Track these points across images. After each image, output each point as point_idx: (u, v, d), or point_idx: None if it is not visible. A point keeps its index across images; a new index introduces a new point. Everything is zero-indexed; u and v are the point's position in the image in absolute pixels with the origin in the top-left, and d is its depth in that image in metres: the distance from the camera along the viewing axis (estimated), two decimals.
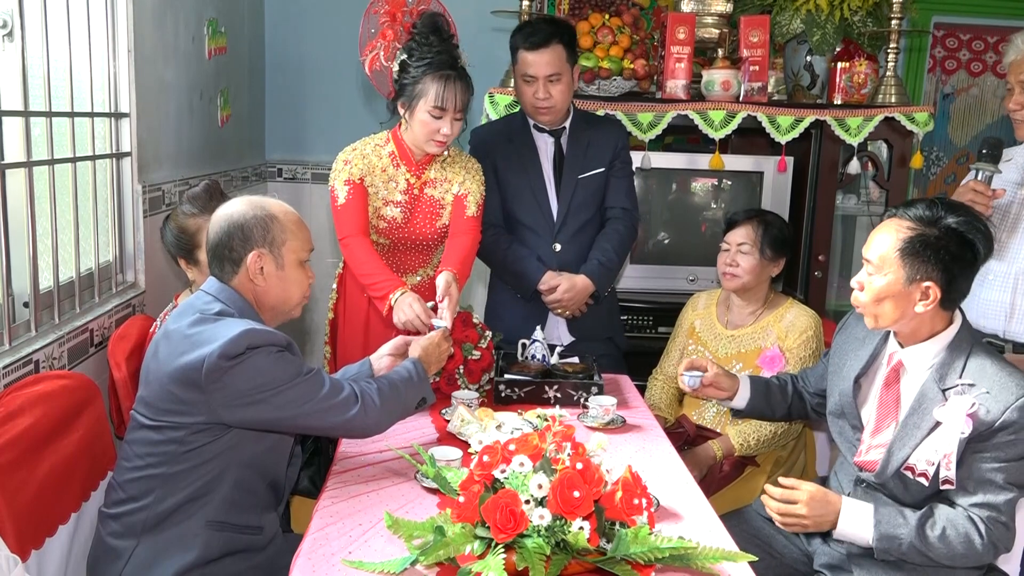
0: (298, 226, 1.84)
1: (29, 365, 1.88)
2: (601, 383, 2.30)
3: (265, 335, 1.68)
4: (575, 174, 2.69)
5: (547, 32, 2.54)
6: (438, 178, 2.56)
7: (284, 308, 1.85)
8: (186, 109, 2.89)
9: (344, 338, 2.70)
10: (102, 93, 2.38)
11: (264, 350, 1.66)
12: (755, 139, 3.30)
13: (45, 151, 2.06)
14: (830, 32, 3.13)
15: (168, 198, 2.69)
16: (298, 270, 1.83)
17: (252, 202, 1.81)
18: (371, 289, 2.39)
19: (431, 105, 2.34)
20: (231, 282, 1.78)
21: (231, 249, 1.77)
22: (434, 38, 2.40)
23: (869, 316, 1.84)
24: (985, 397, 1.71)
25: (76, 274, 2.22)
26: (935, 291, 1.75)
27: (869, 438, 1.88)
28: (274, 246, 1.78)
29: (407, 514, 1.63)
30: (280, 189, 4.11)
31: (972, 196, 2.15)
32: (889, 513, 1.77)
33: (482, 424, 1.98)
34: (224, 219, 1.78)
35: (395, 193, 2.51)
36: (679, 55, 3.00)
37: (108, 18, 2.36)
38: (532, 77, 2.56)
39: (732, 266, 2.51)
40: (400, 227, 2.53)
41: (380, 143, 2.53)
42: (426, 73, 2.35)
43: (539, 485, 1.36)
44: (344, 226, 2.47)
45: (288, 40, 3.97)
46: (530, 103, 2.62)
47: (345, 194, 2.46)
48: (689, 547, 1.38)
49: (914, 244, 1.75)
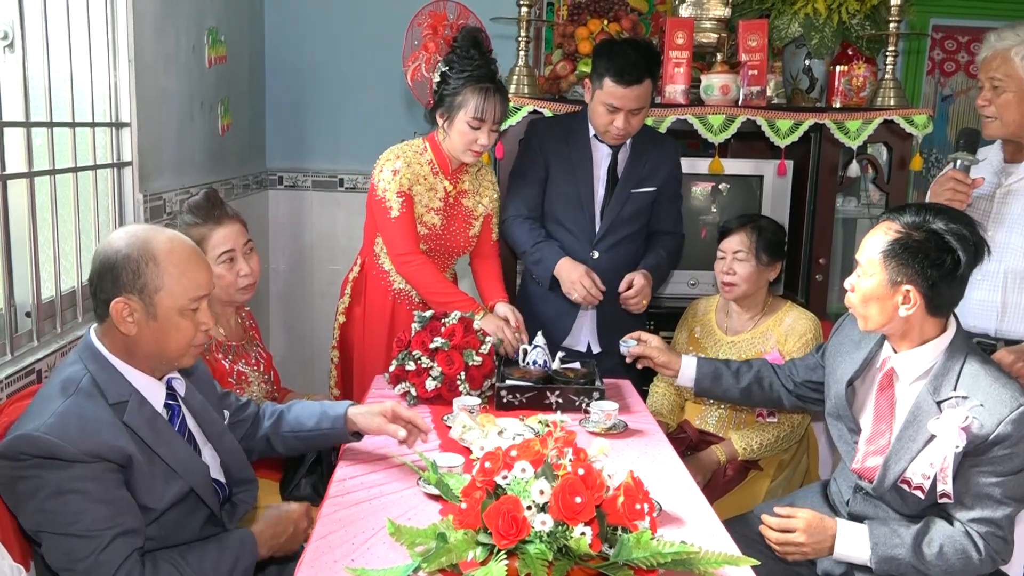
0: (185, 268, 1.58)
1: (31, 375, 1.89)
2: (603, 388, 2.30)
3: (46, 445, 1.42)
4: (628, 188, 2.70)
5: (641, 69, 2.48)
6: (471, 189, 2.67)
7: (162, 360, 1.61)
8: (187, 118, 2.90)
9: (364, 343, 2.72)
10: (103, 103, 2.39)
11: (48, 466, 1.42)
12: (755, 143, 3.30)
13: (46, 161, 2.06)
14: (828, 35, 3.13)
15: (169, 207, 2.70)
16: (179, 319, 1.58)
17: (134, 237, 1.57)
18: (446, 308, 2.47)
19: (471, 116, 2.44)
20: (103, 323, 1.59)
21: (101, 289, 1.56)
22: (475, 52, 2.49)
23: (860, 318, 1.85)
24: (979, 410, 1.69)
25: (78, 283, 2.22)
26: (915, 295, 1.74)
27: (864, 444, 1.88)
28: (145, 293, 1.54)
29: (409, 521, 1.63)
30: (281, 197, 4.12)
31: (952, 185, 2.16)
32: (884, 534, 1.77)
33: (484, 430, 1.98)
34: (101, 253, 1.57)
35: (435, 200, 2.60)
36: (678, 60, 3.01)
37: (108, 28, 2.37)
38: (616, 108, 2.52)
39: (729, 274, 2.52)
40: (439, 234, 2.62)
41: (419, 150, 2.60)
42: (466, 85, 2.45)
43: (541, 491, 1.36)
44: (400, 241, 2.55)
45: (288, 48, 3.99)
46: (605, 128, 2.59)
47: (399, 206, 2.53)
48: (691, 552, 1.38)
49: (895, 247, 1.74)
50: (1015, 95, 2.18)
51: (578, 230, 2.71)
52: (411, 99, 3.28)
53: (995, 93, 2.20)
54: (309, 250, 4.16)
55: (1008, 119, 2.20)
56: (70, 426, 1.45)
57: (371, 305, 2.72)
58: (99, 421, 1.48)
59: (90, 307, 2.27)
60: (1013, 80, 2.18)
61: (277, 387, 2.40)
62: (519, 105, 2.99)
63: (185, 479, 1.60)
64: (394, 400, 2.00)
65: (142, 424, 1.55)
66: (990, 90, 2.22)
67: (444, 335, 2.32)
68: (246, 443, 1.93)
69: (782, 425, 2.45)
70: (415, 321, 2.39)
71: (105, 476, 1.46)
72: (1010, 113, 2.19)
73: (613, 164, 2.68)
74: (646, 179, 2.71)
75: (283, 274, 4.17)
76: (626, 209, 2.70)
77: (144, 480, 1.52)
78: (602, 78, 2.51)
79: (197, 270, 1.61)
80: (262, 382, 2.30)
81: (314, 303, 4.16)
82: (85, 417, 1.47)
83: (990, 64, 2.22)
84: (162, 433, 1.59)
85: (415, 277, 2.58)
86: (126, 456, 1.49)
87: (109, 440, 1.47)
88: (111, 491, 1.46)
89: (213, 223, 2.14)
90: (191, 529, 1.64)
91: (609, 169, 2.69)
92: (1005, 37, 2.20)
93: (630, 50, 2.51)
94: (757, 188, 3.24)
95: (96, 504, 1.44)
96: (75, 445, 1.43)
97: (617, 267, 2.68)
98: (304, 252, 4.16)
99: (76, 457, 1.43)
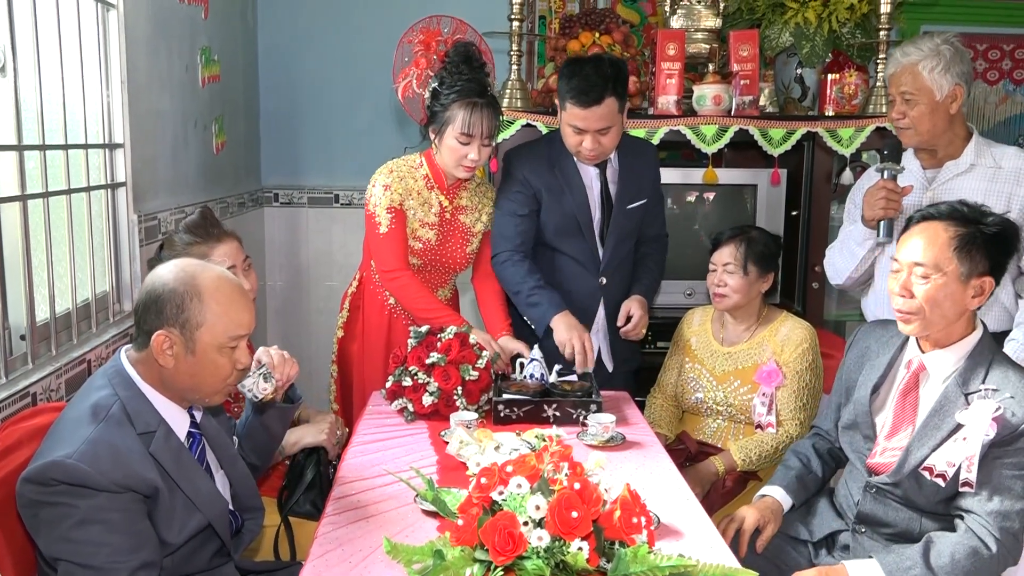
0: (229, 307, 1.58)
1: (26, 398, 1.88)
2: (599, 400, 2.30)
3: (77, 473, 1.41)
4: (624, 206, 2.63)
5: (600, 88, 2.38)
6: (469, 206, 2.65)
7: (194, 396, 1.63)
8: (181, 138, 2.90)
9: (363, 357, 2.72)
10: (96, 124, 2.39)
11: (80, 494, 1.41)
12: (748, 152, 3.31)
13: (40, 183, 2.06)
14: (819, 44, 3.15)
15: (164, 227, 2.70)
16: (217, 356, 1.58)
17: (182, 271, 1.58)
18: (432, 324, 2.46)
19: (458, 132, 2.43)
20: (141, 351, 1.59)
21: (144, 320, 1.57)
22: (464, 67, 2.48)
23: (916, 322, 1.82)
24: (1010, 402, 1.73)
25: (73, 305, 2.22)
26: (989, 284, 1.78)
27: (884, 441, 1.90)
28: (187, 328, 1.55)
29: (407, 538, 1.63)
30: (277, 214, 4.13)
31: (885, 195, 2.28)
32: (894, 561, 1.77)
33: (481, 446, 1.98)
34: (149, 283, 1.59)
35: (429, 215, 2.59)
36: (670, 71, 3.02)
37: (101, 49, 2.37)
38: (582, 130, 2.45)
39: (720, 286, 2.52)
40: (434, 248, 2.61)
41: (415, 165, 2.60)
42: (455, 101, 2.44)
43: (537, 506, 1.35)
44: (389, 258, 2.55)
45: (282, 66, 4.00)
46: (575, 149, 2.51)
47: (388, 222, 2.53)
48: (689, 564, 1.37)
49: (965, 240, 1.78)
50: (927, 106, 2.31)
51: (583, 258, 2.65)
52: (404, 115, 3.29)
53: (908, 106, 2.33)
54: (306, 267, 4.16)
55: (923, 128, 2.33)
56: (102, 455, 1.44)
57: (369, 320, 2.72)
58: (130, 451, 1.49)
59: (86, 328, 2.29)
60: (923, 93, 2.30)
61: None
62: (512, 119, 3.01)
63: (204, 513, 1.60)
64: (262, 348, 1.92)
65: (168, 456, 1.55)
66: (903, 103, 2.34)
67: (440, 350, 2.31)
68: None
69: (781, 435, 2.44)
70: (411, 336, 2.38)
71: (131, 507, 1.46)
72: (924, 123, 2.32)
73: (604, 183, 2.63)
74: (639, 192, 2.67)
75: (280, 291, 4.17)
76: (625, 228, 2.66)
77: (165, 513, 1.53)
78: (564, 100, 2.44)
79: (240, 310, 1.61)
80: None
81: (312, 319, 4.16)
82: (116, 446, 1.47)
83: (900, 79, 2.34)
84: (186, 466, 1.59)
85: (401, 293, 2.57)
86: (153, 488, 1.49)
87: (139, 471, 1.47)
88: (135, 523, 1.47)
89: (213, 241, 2.16)
90: (202, 560, 1.64)
91: (602, 189, 2.63)
92: (910, 52, 2.33)
93: (589, 69, 2.41)
94: (751, 197, 3.24)
95: (119, 535, 1.44)
96: (106, 475, 1.43)
97: (621, 290, 2.68)
98: (301, 269, 4.16)
99: (105, 487, 1.42)
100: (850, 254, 2.48)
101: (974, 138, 2.39)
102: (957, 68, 2.30)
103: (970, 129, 2.41)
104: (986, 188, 2.33)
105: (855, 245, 2.45)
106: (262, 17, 3.97)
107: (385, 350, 2.66)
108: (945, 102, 2.31)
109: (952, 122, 2.35)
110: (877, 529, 1.92)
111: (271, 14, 3.97)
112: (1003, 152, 2.37)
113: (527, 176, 2.59)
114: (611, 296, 2.66)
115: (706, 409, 2.57)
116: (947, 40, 2.33)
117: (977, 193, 2.31)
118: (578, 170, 2.61)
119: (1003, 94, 4.43)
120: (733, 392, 2.52)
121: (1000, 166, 2.34)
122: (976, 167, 2.36)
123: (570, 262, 2.66)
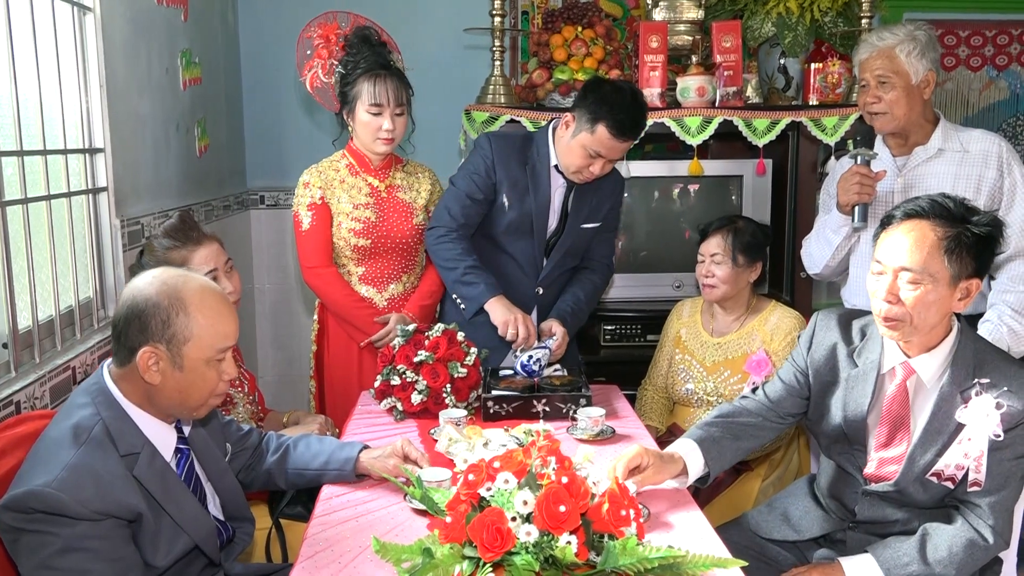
0: (215, 319, 1.55)
1: (10, 407, 1.86)
2: (589, 395, 2.29)
3: (56, 503, 1.37)
4: (578, 223, 2.59)
5: (641, 126, 2.41)
6: (404, 184, 2.68)
7: (181, 410, 1.59)
8: (163, 141, 2.88)
9: (332, 369, 2.70)
10: (75, 129, 2.37)
11: (57, 524, 1.37)
12: (733, 143, 3.31)
13: (19, 190, 2.04)
14: (802, 34, 3.14)
15: (147, 231, 2.68)
16: (205, 370, 1.55)
17: (164, 283, 1.53)
18: (353, 320, 2.44)
19: (368, 103, 2.51)
20: (123, 367, 1.54)
21: (126, 335, 1.51)
22: (364, 47, 2.55)
23: (905, 328, 1.74)
24: (1008, 395, 1.70)
25: (56, 312, 2.20)
26: (976, 286, 1.74)
27: (875, 452, 1.85)
28: (173, 343, 1.51)
29: (397, 537, 1.62)
30: (263, 216, 4.10)
31: (859, 180, 2.30)
32: (891, 557, 1.77)
33: (470, 443, 1.97)
34: (129, 297, 1.53)
35: (360, 197, 2.62)
36: (653, 63, 3.01)
37: (78, 53, 2.35)
38: (600, 156, 2.40)
39: (708, 277, 2.52)
40: (375, 225, 2.62)
41: (336, 159, 2.67)
42: (359, 76, 2.51)
43: (524, 501, 1.35)
44: (310, 254, 2.59)
45: (264, 67, 3.97)
46: (577, 169, 2.45)
47: (309, 220, 2.59)
48: (678, 556, 1.37)
49: (954, 243, 1.70)
50: (903, 90, 2.33)
51: (525, 263, 2.60)
52: None
53: (883, 90, 2.34)
54: (294, 269, 4.14)
55: (898, 113, 2.35)
56: (82, 482, 1.40)
57: (332, 331, 2.72)
58: (112, 475, 1.45)
59: (69, 335, 2.27)
60: (900, 76, 2.33)
61: (261, 407, 2.38)
62: (496, 115, 3.00)
63: (191, 535, 1.57)
64: (402, 439, 1.91)
65: (152, 479, 1.52)
66: (877, 87, 2.36)
67: (428, 348, 2.30)
68: (246, 475, 1.91)
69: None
70: (399, 335, 2.37)
71: (113, 533, 1.43)
72: (900, 107, 2.34)
73: (567, 196, 2.56)
74: (593, 214, 2.60)
75: (268, 293, 4.15)
76: (574, 244, 2.61)
77: (151, 536, 1.50)
78: (595, 123, 2.35)
79: (226, 321, 1.57)
80: (247, 403, 2.29)
81: (300, 322, 4.14)
82: (97, 472, 1.43)
83: (873, 63, 2.36)
84: (171, 488, 1.56)
85: (323, 289, 2.62)
86: (136, 512, 1.47)
87: (121, 497, 1.44)
88: (118, 549, 1.44)
89: (193, 244, 2.14)
90: (191, 575, 1.63)
91: (563, 201, 2.57)
92: (885, 37, 2.36)
93: (634, 105, 2.37)
94: (737, 188, 3.24)
95: (102, 563, 1.41)
96: (86, 504, 1.39)
97: (554, 303, 2.63)
98: (288, 271, 4.14)
99: (86, 516, 1.39)
100: (826, 242, 2.48)
101: (941, 123, 2.42)
102: (931, 54, 2.34)
103: (937, 115, 2.44)
104: (955, 172, 2.36)
105: (831, 233, 2.45)
106: (243, 18, 3.94)
107: (357, 363, 2.67)
108: (920, 86, 2.33)
109: (924, 108, 2.38)
110: (874, 528, 1.89)
111: (252, 15, 3.94)
112: (969, 136, 2.40)
113: (495, 164, 2.53)
114: (545, 308, 2.61)
115: (697, 400, 2.57)
116: (920, 27, 2.37)
117: (947, 177, 2.34)
118: (550, 176, 2.54)
119: (986, 80, 4.44)
120: (723, 382, 2.52)
121: (967, 150, 2.37)
122: (944, 152, 2.39)
123: (512, 264, 2.61)
